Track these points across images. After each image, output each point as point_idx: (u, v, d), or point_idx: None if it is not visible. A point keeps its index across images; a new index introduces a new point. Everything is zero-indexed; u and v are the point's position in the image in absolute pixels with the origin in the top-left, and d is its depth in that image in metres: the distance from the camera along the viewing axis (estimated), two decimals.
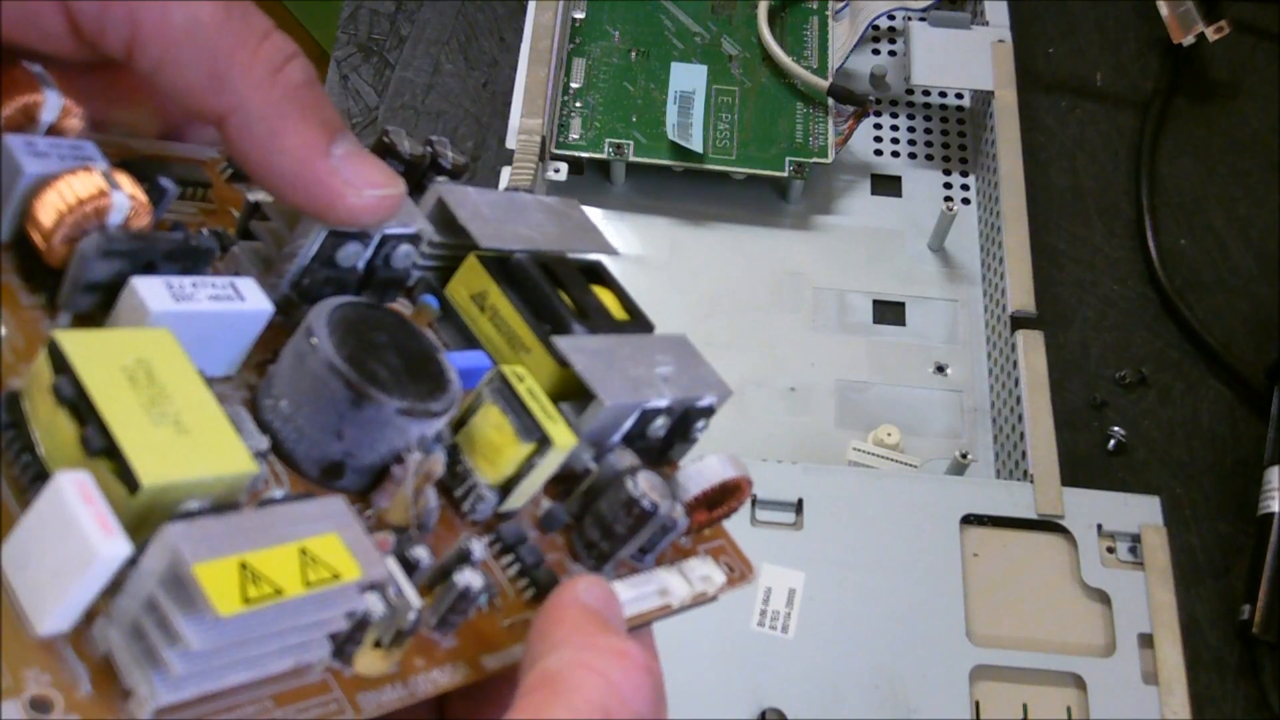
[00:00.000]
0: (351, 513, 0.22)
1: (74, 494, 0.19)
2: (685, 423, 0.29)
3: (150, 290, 0.22)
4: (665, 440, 0.29)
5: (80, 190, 0.22)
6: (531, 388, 0.26)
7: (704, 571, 0.29)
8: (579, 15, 0.69)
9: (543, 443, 0.26)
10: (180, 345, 0.22)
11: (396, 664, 0.24)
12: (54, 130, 0.24)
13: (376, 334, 0.25)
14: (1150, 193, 0.68)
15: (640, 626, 0.27)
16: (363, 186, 0.25)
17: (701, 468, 0.29)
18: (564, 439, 0.26)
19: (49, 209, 0.22)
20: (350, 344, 0.24)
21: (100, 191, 0.22)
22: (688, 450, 0.30)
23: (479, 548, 0.25)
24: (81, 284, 0.23)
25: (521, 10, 0.69)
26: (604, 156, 0.64)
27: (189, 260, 0.24)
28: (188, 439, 0.20)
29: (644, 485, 0.27)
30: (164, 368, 0.21)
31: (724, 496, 0.30)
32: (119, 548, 0.19)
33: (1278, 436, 0.59)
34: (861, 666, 0.49)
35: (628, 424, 0.28)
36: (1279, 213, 0.68)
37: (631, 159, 0.64)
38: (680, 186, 0.67)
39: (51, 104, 0.23)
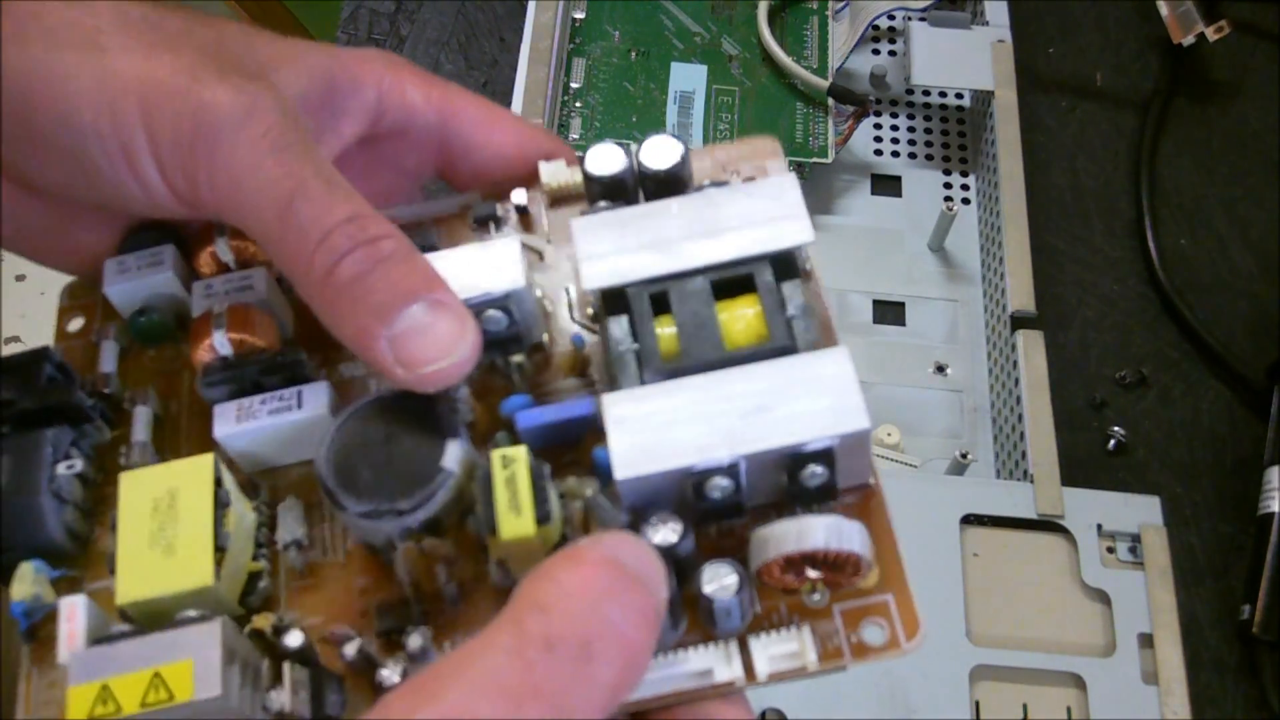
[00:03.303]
0: (215, 639, 0.25)
1: (64, 613, 0.26)
2: (794, 469, 0.27)
3: (221, 416, 0.29)
4: (791, 492, 0.27)
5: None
6: (513, 475, 0.26)
7: (786, 648, 0.28)
8: (579, 15, 0.69)
9: (494, 531, 0.26)
10: (213, 469, 0.28)
11: None
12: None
13: (391, 425, 0.27)
14: (1150, 193, 0.68)
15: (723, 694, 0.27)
16: (414, 366, 0.26)
17: (776, 530, 0.26)
18: (512, 530, 0.26)
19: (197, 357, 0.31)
20: (357, 436, 0.27)
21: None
22: (817, 501, 0.28)
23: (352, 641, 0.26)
24: (207, 399, 0.30)
25: (521, 10, 0.69)
26: None
27: (286, 372, 0.30)
28: (170, 560, 0.27)
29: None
30: (186, 496, 0.27)
31: (836, 565, 0.27)
32: (68, 656, 0.25)
33: (1278, 436, 0.59)
34: (861, 666, 0.49)
35: (669, 492, 0.26)
36: (1279, 213, 0.68)
37: None
38: None
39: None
